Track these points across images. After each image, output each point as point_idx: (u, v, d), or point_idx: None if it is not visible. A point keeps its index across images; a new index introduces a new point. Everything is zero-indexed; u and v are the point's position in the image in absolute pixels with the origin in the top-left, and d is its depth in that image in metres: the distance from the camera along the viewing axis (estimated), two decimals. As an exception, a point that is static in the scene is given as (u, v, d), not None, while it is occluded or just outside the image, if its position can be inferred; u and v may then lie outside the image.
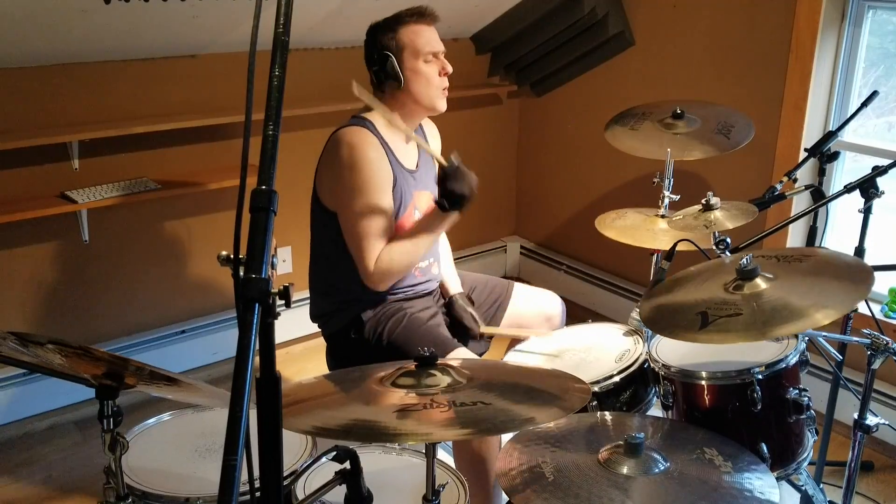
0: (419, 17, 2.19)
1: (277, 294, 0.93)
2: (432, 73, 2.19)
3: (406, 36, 2.16)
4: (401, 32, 2.17)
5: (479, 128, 4.07)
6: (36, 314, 3.03)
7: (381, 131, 2.19)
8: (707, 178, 3.28)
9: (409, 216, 2.23)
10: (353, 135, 2.13)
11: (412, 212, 2.24)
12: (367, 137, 2.14)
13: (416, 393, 1.43)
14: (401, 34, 2.16)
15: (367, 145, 2.12)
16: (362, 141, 2.13)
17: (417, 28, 2.18)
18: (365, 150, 2.11)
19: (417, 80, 2.17)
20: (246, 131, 1.01)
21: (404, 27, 2.17)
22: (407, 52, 2.16)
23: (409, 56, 2.17)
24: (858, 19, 2.86)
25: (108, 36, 2.77)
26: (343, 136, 2.14)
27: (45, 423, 3.05)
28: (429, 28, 2.20)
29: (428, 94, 2.20)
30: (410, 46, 2.16)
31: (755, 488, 1.47)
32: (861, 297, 1.61)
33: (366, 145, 2.12)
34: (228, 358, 3.47)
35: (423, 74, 2.18)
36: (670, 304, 1.79)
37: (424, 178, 2.32)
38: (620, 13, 3.51)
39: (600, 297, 3.90)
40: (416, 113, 2.26)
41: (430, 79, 2.18)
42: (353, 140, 2.12)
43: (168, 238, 3.27)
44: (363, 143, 2.12)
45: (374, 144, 2.14)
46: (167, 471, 1.65)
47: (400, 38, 2.16)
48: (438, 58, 2.21)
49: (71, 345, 1.30)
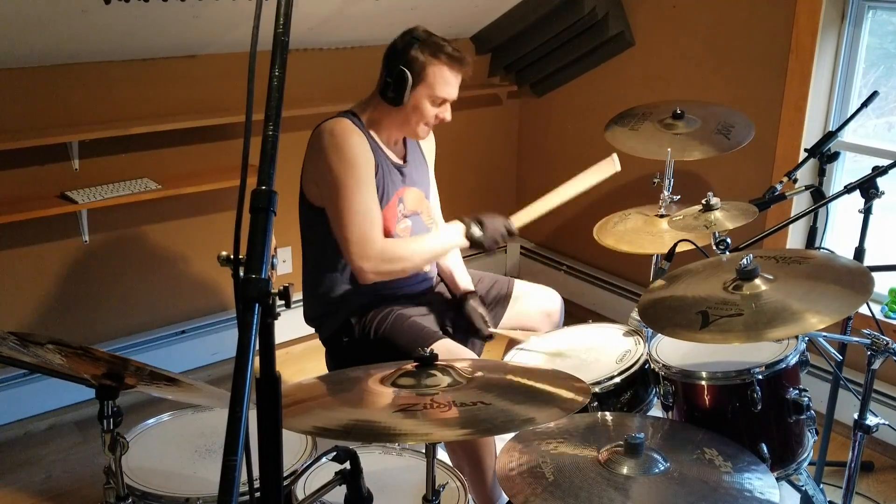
0: (457, 63, 2.15)
1: (277, 294, 0.93)
2: (431, 114, 2.18)
3: (433, 73, 2.12)
4: (431, 66, 2.12)
5: (479, 128, 4.07)
6: (36, 314, 3.03)
7: (365, 127, 2.19)
8: (707, 179, 3.28)
9: (391, 209, 2.22)
10: (334, 124, 2.14)
11: (395, 205, 2.23)
12: (348, 125, 2.14)
13: (416, 393, 1.43)
14: (430, 69, 2.12)
15: (349, 132, 2.13)
16: (344, 129, 2.13)
17: (448, 73, 2.14)
18: (347, 136, 2.12)
19: (414, 113, 2.17)
20: (246, 131, 1.01)
21: (437, 64, 2.12)
22: (424, 86, 2.13)
23: (423, 91, 2.14)
24: (858, 19, 2.86)
25: (108, 36, 2.77)
26: (325, 127, 2.15)
27: (45, 423, 3.05)
28: (455, 76, 2.17)
29: (415, 127, 2.20)
30: (430, 84, 2.13)
31: (755, 488, 1.47)
32: (860, 304, 1.61)
33: (348, 132, 2.12)
34: (228, 358, 3.47)
35: (422, 112, 2.17)
36: (670, 302, 1.79)
37: (414, 174, 2.31)
38: (620, 13, 3.51)
39: (600, 297, 3.90)
40: (398, 132, 2.26)
41: (424, 117, 2.18)
42: (334, 128, 2.13)
43: (168, 238, 3.27)
44: (345, 130, 2.13)
45: (356, 131, 2.14)
46: (167, 471, 1.65)
47: (427, 70, 2.12)
48: (445, 106, 2.20)
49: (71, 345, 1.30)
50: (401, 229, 2.26)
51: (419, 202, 2.34)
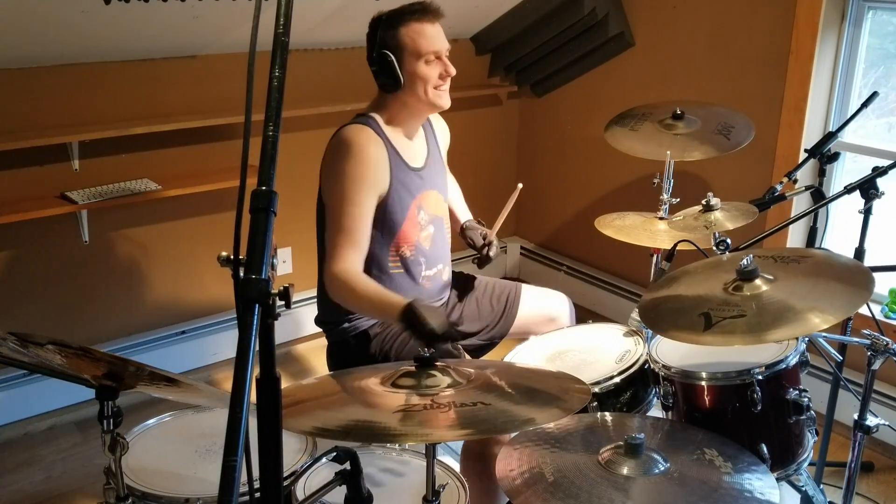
0: (423, 14, 2.08)
1: (277, 295, 0.93)
2: (433, 74, 2.10)
3: (407, 35, 2.07)
4: (403, 31, 2.07)
5: (479, 128, 4.07)
6: (36, 314, 3.03)
7: (384, 130, 2.15)
8: (707, 179, 3.28)
9: (411, 220, 2.18)
10: (355, 132, 2.10)
11: (415, 215, 2.19)
12: (369, 135, 2.11)
13: (416, 393, 1.43)
14: (402, 33, 2.07)
15: (368, 143, 2.09)
16: (364, 138, 2.09)
17: (420, 26, 2.08)
18: (365, 147, 2.08)
19: (416, 82, 2.10)
20: (246, 132, 1.01)
21: (407, 25, 2.07)
22: (408, 53, 2.07)
23: (410, 57, 2.08)
24: (858, 20, 2.86)
25: (108, 36, 2.77)
26: (345, 133, 2.11)
27: (45, 423, 3.05)
28: (433, 26, 2.10)
29: (427, 94, 2.12)
30: (412, 46, 2.07)
31: (755, 489, 1.47)
32: (863, 301, 1.60)
33: (367, 143, 2.09)
34: (228, 358, 3.47)
35: (422, 77, 2.09)
36: (671, 303, 1.78)
37: (434, 176, 2.27)
38: (620, 14, 3.51)
39: (600, 297, 3.90)
40: (420, 111, 2.19)
41: (429, 81, 2.10)
42: (354, 137, 2.09)
43: (168, 238, 3.27)
44: (365, 140, 2.09)
45: (376, 142, 2.11)
46: (167, 471, 1.65)
47: (401, 37, 2.07)
48: (441, 58, 2.12)
49: (71, 345, 1.30)
50: (423, 238, 2.22)
51: (438, 205, 2.29)
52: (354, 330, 2.23)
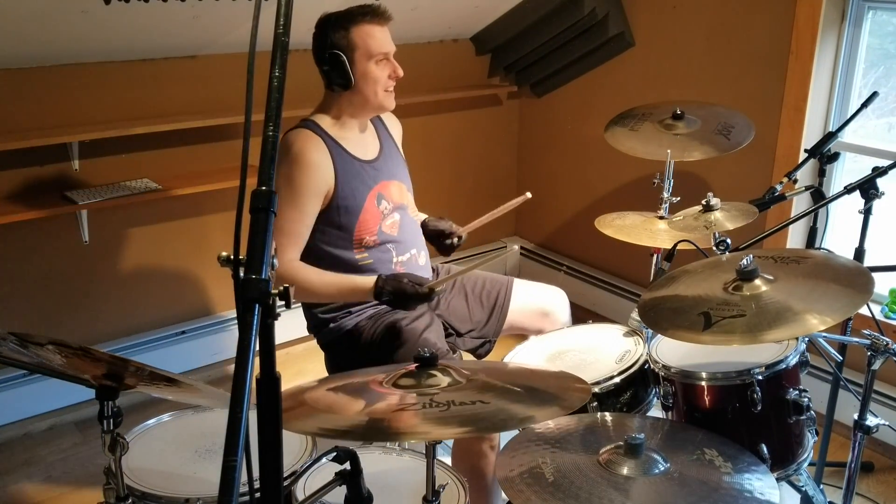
0: (373, 17, 2.12)
1: (277, 295, 0.93)
2: (382, 75, 2.15)
3: (358, 36, 2.10)
4: (353, 32, 2.10)
5: (479, 128, 4.07)
6: (36, 314, 3.03)
7: (328, 130, 2.18)
8: (707, 179, 3.28)
9: (370, 210, 2.19)
10: (293, 137, 2.14)
11: (374, 205, 2.20)
12: (307, 138, 2.13)
13: (416, 393, 1.43)
14: (353, 33, 2.10)
15: (305, 146, 2.12)
16: (304, 142, 2.12)
17: (370, 28, 2.12)
18: (302, 151, 2.11)
19: (367, 82, 2.14)
20: (246, 132, 1.01)
21: (357, 26, 2.10)
22: (359, 53, 2.11)
23: (361, 57, 2.11)
24: (858, 20, 2.86)
25: (108, 36, 2.77)
26: (285, 139, 2.14)
27: (45, 423, 3.05)
28: (381, 28, 2.14)
29: (376, 96, 2.17)
30: (363, 47, 2.11)
31: (755, 489, 1.47)
32: (862, 303, 1.60)
33: (304, 146, 2.12)
34: (228, 358, 3.47)
35: (372, 77, 2.13)
36: (670, 303, 1.78)
37: (390, 167, 2.29)
38: (620, 14, 3.51)
39: (600, 297, 3.90)
40: (366, 112, 2.24)
41: (378, 81, 2.15)
42: (294, 141, 2.13)
43: (168, 238, 3.27)
44: (302, 143, 2.12)
45: (315, 144, 2.13)
46: (167, 471, 1.65)
47: (352, 37, 2.10)
48: (390, 59, 2.16)
49: (71, 345, 1.30)
50: (387, 226, 2.24)
51: (402, 194, 2.31)
52: (340, 329, 2.24)
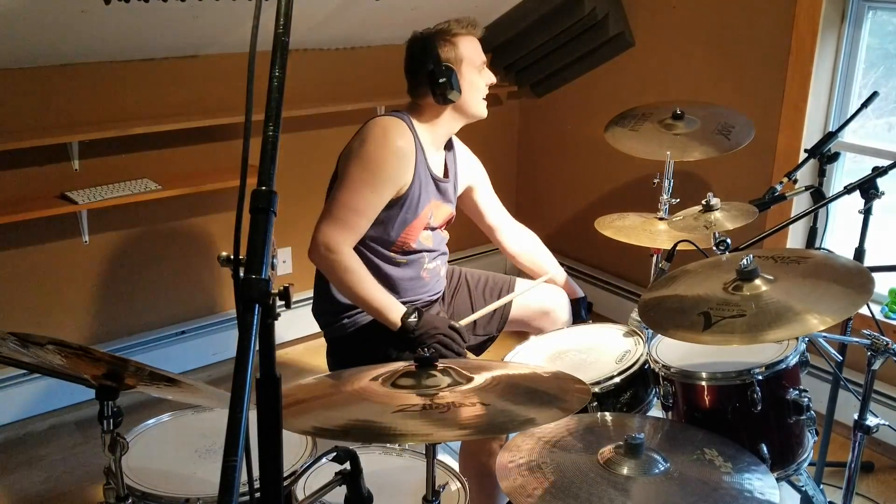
0: (472, 28, 2.19)
1: (277, 295, 0.93)
2: (482, 84, 2.22)
3: (465, 48, 2.16)
4: (460, 44, 2.16)
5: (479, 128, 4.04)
6: (36, 314, 3.03)
7: (417, 130, 2.19)
8: (707, 179, 3.28)
9: (423, 219, 2.21)
10: (390, 122, 2.16)
11: (425, 218, 2.23)
12: (403, 129, 2.15)
13: (416, 393, 1.43)
14: (460, 46, 2.16)
15: (400, 135, 2.13)
16: (395, 130, 2.14)
17: (472, 40, 2.19)
18: (397, 138, 2.12)
19: (472, 91, 2.20)
20: (246, 132, 1.01)
21: (462, 38, 2.16)
22: (466, 64, 2.17)
23: (468, 67, 2.17)
24: (858, 20, 2.86)
25: (108, 36, 2.77)
26: (380, 121, 2.16)
27: (45, 423, 3.06)
28: (476, 39, 2.21)
29: (477, 103, 2.23)
30: (469, 58, 2.17)
31: (755, 489, 1.47)
32: (862, 303, 1.60)
33: (399, 135, 2.13)
34: (228, 359, 3.47)
35: (476, 86, 2.20)
36: (670, 303, 1.79)
37: (450, 191, 2.32)
38: (620, 14, 3.51)
39: (600, 297, 3.90)
40: (464, 121, 2.27)
41: (480, 90, 2.22)
42: (387, 125, 2.14)
43: (168, 238, 3.27)
44: (398, 132, 2.13)
45: (408, 137, 2.15)
46: (167, 471, 1.65)
47: (460, 49, 2.15)
48: (486, 69, 2.23)
49: (71, 345, 1.30)
50: (423, 237, 2.26)
51: (445, 220, 2.34)
52: (353, 325, 2.23)
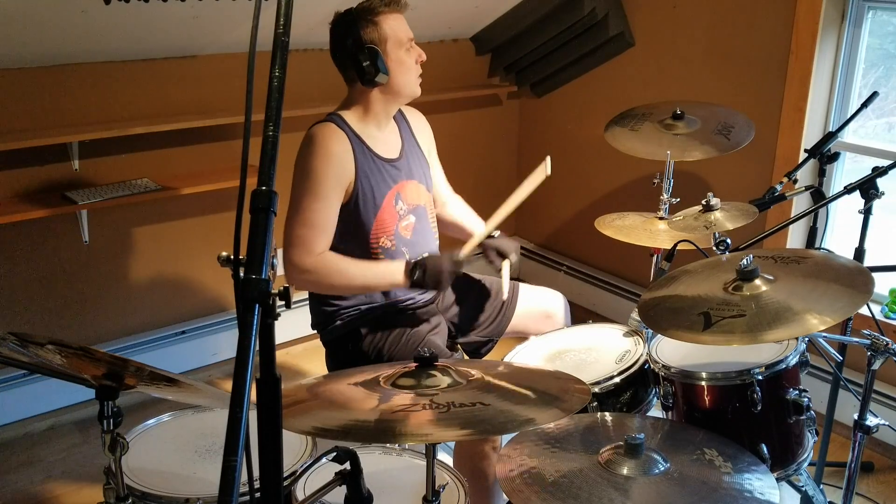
0: (395, 6, 2.14)
1: (277, 295, 0.93)
2: (411, 62, 2.17)
3: (388, 26, 2.12)
4: (382, 23, 2.11)
5: (479, 128, 4.07)
6: (36, 314, 3.03)
7: (351, 125, 2.18)
8: (707, 179, 3.28)
9: (388, 209, 2.20)
10: (315, 130, 2.15)
11: (392, 205, 2.21)
12: (331, 131, 2.14)
13: (416, 393, 1.43)
14: (382, 25, 2.11)
15: (329, 139, 2.12)
16: (326, 135, 2.13)
17: (396, 16, 2.14)
18: (326, 143, 2.11)
19: (402, 70, 2.15)
20: (246, 132, 1.01)
21: (384, 17, 2.12)
22: (391, 43, 2.12)
23: (394, 47, 2.13)
24: (858, 20, 2.86)
25: (107, 36, 2.77)
26: (308, 133, 2.15)
27: (45, 423, 3.06)
28: (401, 15, 2.16)
29: (409, 83, 2.18)
30: (394, 37, 2.12)
31: (755, 489, 1.47)
32: (862, 303, 1.60)
33: (328, 139, 2.12)
34: (228, 359, 3.47)
35: (406, 65, 2.15)
36: (670, 303, 1.79)
37: (412, 167, 2.29)
38: (620, 14, 3.51)
39: (600, 297, 3.90)
40: (398, 102, 2.24)
41: (410, 68, 2.17)
42: (313, 134, 2.13)
43: (168, 238, 3.27)
44: (327, 136, 2.12)
45: (339, 137, 2.13)
46: (167, 471, 1.65)
47: (383, 28, 2.11)
48: (413, 45, 2.18)
49: (71, 345, 1.30)
50: (403, 227, 2.24)
51: (420, 195, 2.31)
52: (346, 327, 2.24)
